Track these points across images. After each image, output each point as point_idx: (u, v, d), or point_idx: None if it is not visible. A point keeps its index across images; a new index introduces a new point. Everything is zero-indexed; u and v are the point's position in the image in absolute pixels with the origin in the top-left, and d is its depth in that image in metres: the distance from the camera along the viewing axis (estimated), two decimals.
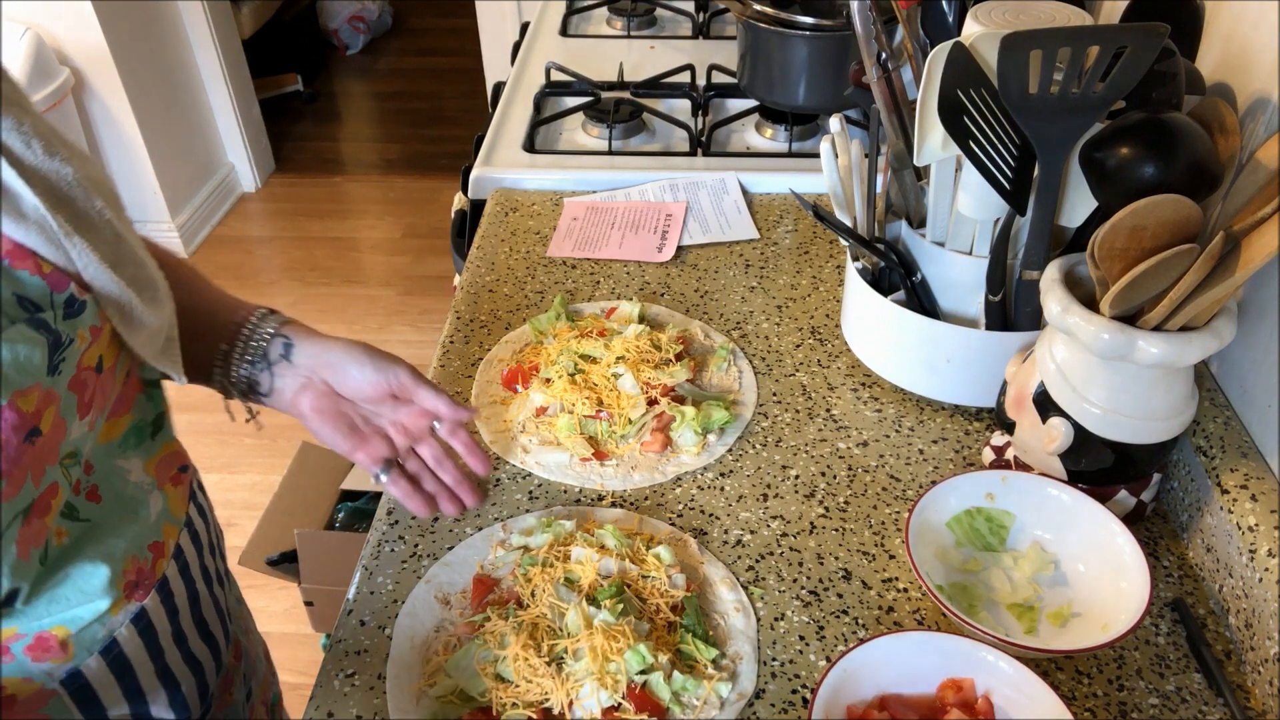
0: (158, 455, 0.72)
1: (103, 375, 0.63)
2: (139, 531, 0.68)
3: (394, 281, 3.16)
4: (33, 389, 0.55)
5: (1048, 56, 0.75)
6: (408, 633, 0.78)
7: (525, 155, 1.43)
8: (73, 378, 0.59)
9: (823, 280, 1.19)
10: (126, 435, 0.69)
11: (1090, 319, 0.74)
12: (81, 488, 0.65)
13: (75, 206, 0.59)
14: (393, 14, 4.86)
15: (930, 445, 0.96)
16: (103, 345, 0.62)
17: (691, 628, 0.76)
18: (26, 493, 0.57)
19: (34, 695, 0.65)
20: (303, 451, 2.01)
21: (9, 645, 0.63)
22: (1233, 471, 0.80)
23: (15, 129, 0.56)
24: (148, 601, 0.70)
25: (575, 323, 1.07)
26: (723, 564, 0.84)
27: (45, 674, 0.65)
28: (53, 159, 0.58)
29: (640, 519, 0.88)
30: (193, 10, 3.14)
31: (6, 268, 0.55)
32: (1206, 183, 0.73)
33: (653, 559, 0.80)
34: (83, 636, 0.65)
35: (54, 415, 0.58)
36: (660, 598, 0.77)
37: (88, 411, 0.62)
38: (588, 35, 1.86)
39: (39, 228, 0.56)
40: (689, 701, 0.72)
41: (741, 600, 0.80)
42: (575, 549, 0.80)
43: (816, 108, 1.43)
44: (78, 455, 0.63)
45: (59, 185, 0.58)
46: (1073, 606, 0.78)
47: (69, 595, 0.64)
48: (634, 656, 0.71)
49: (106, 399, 0.65)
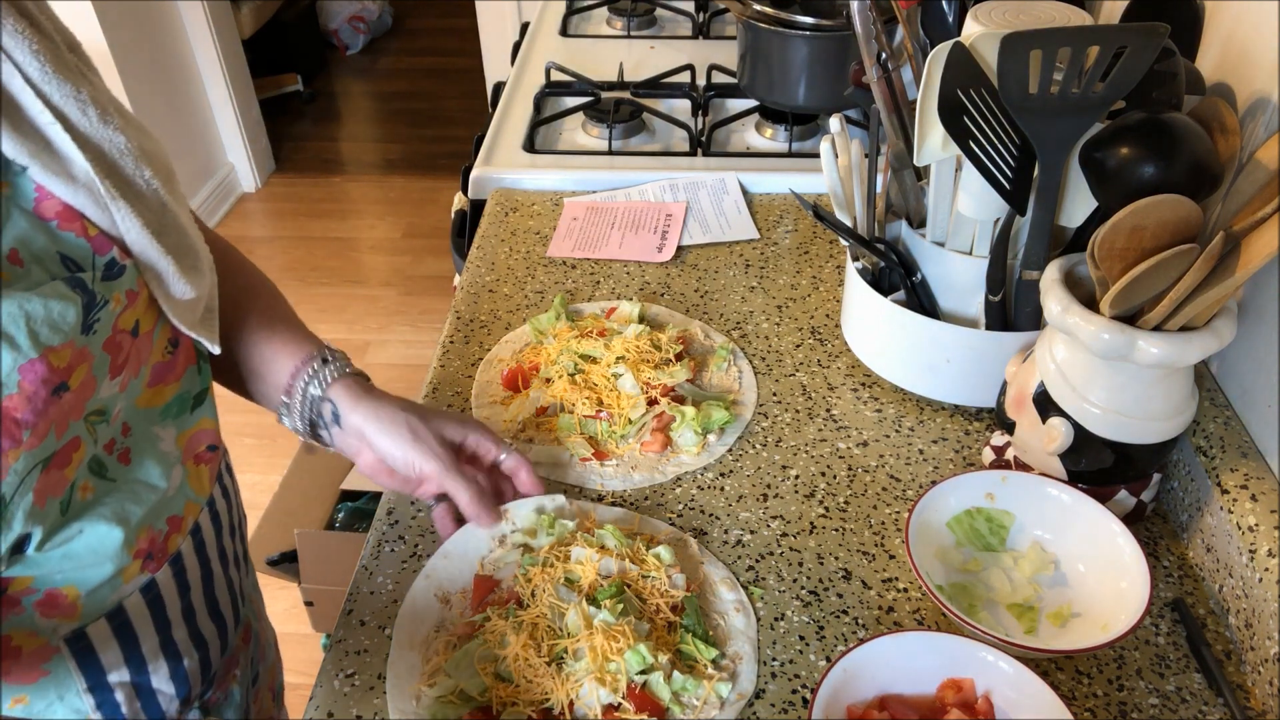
0: (191, 430, 0.74)
1: (139, 339, 0.65)
2: (157, 502, 0.69)
3: (394, 281, 3.16)
4: (66, 346, 0.58)
5: (1048, 56, 0.75)
6: (408, 631, 0.78)
7: (525, 155, 1.43)
8: (108, 339, 0.62)
9: (823, 280, 1.19)
10: (170, 404, 0.71)
11: (1090, 319, 0.74)
12: (115, 447, 0.67)
13: (123, 173, 0.62)
14: (393, 14, 4.86)
15: (930, 445, 0.96)
16: (140, 309, 0.65)
17: (691, 628, 0.76)
18: (48, 444, 0.58)
19: (38, 649, 0.66)
20: (302, 452, 2.00)
21: (19, 598, 0.64)
22: (1233, 471, 0.80)
23: (73, 96, 0.59)
24: (159, 574, 0.71)
25: (575, 323, 1.07)
26: (723, 564, 0.84)
27: (50, 629, 0.66)
28: (106, 126, 0.61)
29: (640, 519, 0.88)
30: (193, 10, 3.14)
31: (54, 229, 0.59)
32: (1206, 183, 0.73)
33: (653, 559, 0.80)
34: (92, 598, 0.67)
35: (85, 373, 0.60)
36: (660, 598, 0.77)
37: (119, 372, 0.64)
38: (588, 35, 1.86)
39: (87, 190, 0.60)
40: (689, 701, 0.72)
41: (742, 600, 0.80)
42: (575, 549, 0.80)
43: (816, 108, 1.43)
44: (105, 413, 0.64)
45: (109, 152, 0.61)
46: (1073, 606, 0.78)
47: (81, 553, 0.65)
48: (634, 656, 0.71)
49: (142, 362, 0.67)
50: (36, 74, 0.58)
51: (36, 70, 0.58)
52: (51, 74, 0.59)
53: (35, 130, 0.59)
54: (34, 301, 0.56)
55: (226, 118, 3.40)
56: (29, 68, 0.58)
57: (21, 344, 0.55)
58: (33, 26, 0.59)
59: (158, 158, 0.66)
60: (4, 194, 0.58)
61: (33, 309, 0.56)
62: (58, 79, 0.59)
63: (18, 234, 0.58)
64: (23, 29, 0.58)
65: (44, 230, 0.59)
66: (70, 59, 0.61)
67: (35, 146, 0.58)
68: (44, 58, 0.58)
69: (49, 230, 0.59)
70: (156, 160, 0.66)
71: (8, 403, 0.55)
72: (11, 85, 0.58)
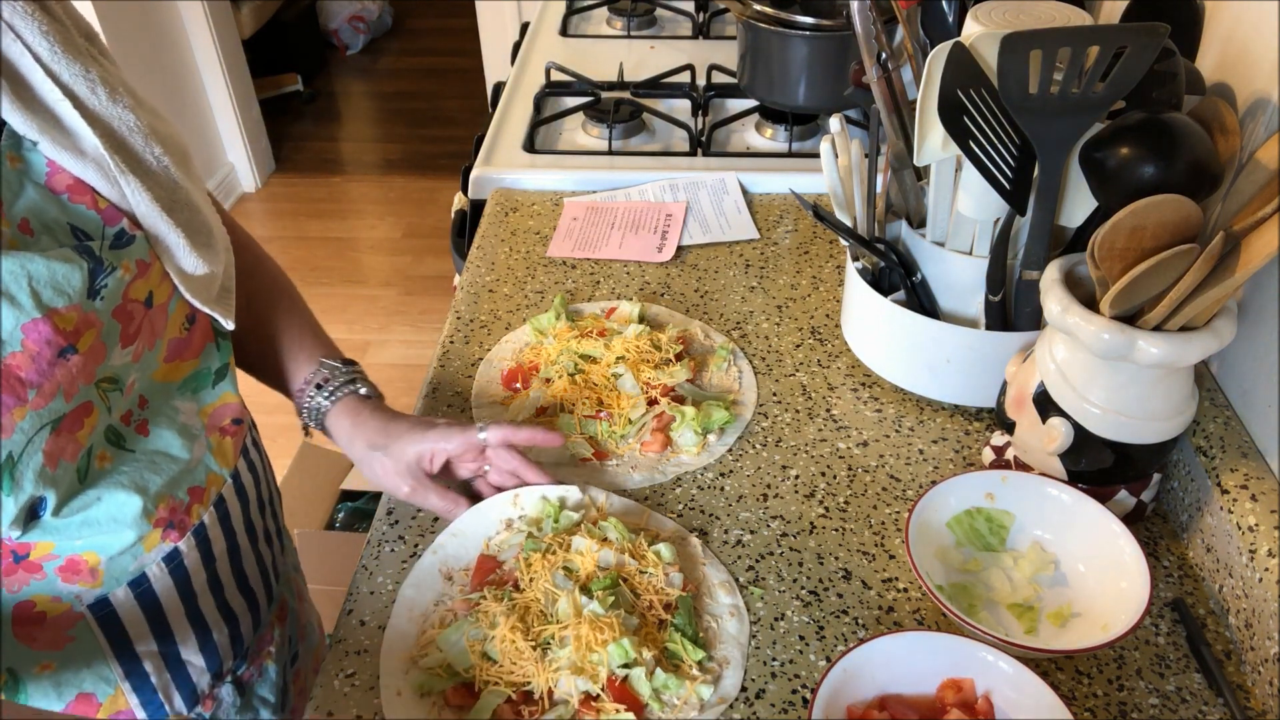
0: (215, 404, 0.76)
1: (153, 310, 0.68)
2: (178, 472, 0.71)
3: (394, 281, 3.16)
4: (71, 309, 0.60)
5: (1048, 56, 0.75)
6: (409, 603, 0.80)
7: (525, 155, 1.43)
8: (118, 307, 0.64)
9: (823, 280, 1.19)
10: (188, 379, 0.74)
11: (1090, 319, 0.74)
12: (133, 419, 0.69)
13: (133, 150, 0.65)
14: (393, 14, 4.85)
15: (930, 445, 0.96)
16: (153, 281, 0.67)
17: (682, 627, 0.76)
18: (57, 405, 0.60)
19: (63, 615, 0.68)
20: (303, 451, 2.01)
21: (41, 563, 0.66)
22: (1233, 471, 0.80)
23: (82, 75, 0.62)
24: (182, 544, 0.72)
25: (575, 323, 1.07)
26: (724, 566, 0.84)
27: (74, 596, 0.68)
28: (116, 105, 0.64)
29: (648, 514, 0.88)
30: (193, 10, 3.14)
31: (66, 201, 0.62)
32: (1206, 183, 0.73)
33: (653, 555, 0.80)
34: (112, 565, 0.68)
35: (93, 338, 0.62)
36: (654, 594, 0.78)
37: (132, 342, 0.66)
38: (588, 35, 1.86)
39: (96, 164, 0.63)
40: (669, 700, 0.72)
41: (738, 605, 0.80)
42: (576, 539, 0.81)
43: (816, 108, 1.43)
44: (119, 382, 0.66)
45: (119, 129, 0.64)
46: (1073, 606, 0.78)
47: (100, 520, 0.67)
48: (617, 650, 0.71)
49: (157, 335, 0.69)
50: (45, 53, 0.61)
51: (45, 50, 0.61)
52: (60, 54, 0.61)
53: (44, 107, 0.61)
54: (36, 262, 0.58)
55: (226, 118, 3.40)
56: (38, 47, 0.60)
57: (23, 303, 0.57)
58: (42, 9, 0.62)
59: (171, 139, 0.69)
60: (17, 168, 0.60)
61: (35, 269, 0.58)
62: (66, 58, 0.62)
63: (29, 205, 0.60)
64: (32, 10, 0.61)
65: (55, 202, 0.62)
66: (81, 43, 0.64)
67: (45, 122, 0.61)
68: (53, 38, 0.61)
69: (60, 203, 0.62)
70: (169, 141, 0.68)
71: (10, 360, 0.57)
72: (21, 64, 0.60)
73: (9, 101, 0.59)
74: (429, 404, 1.01)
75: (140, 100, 0.67)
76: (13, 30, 0.60)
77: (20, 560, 0.65)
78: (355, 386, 0.86)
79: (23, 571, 0.66)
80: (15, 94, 0.60)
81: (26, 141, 0.61)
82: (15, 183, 0.60)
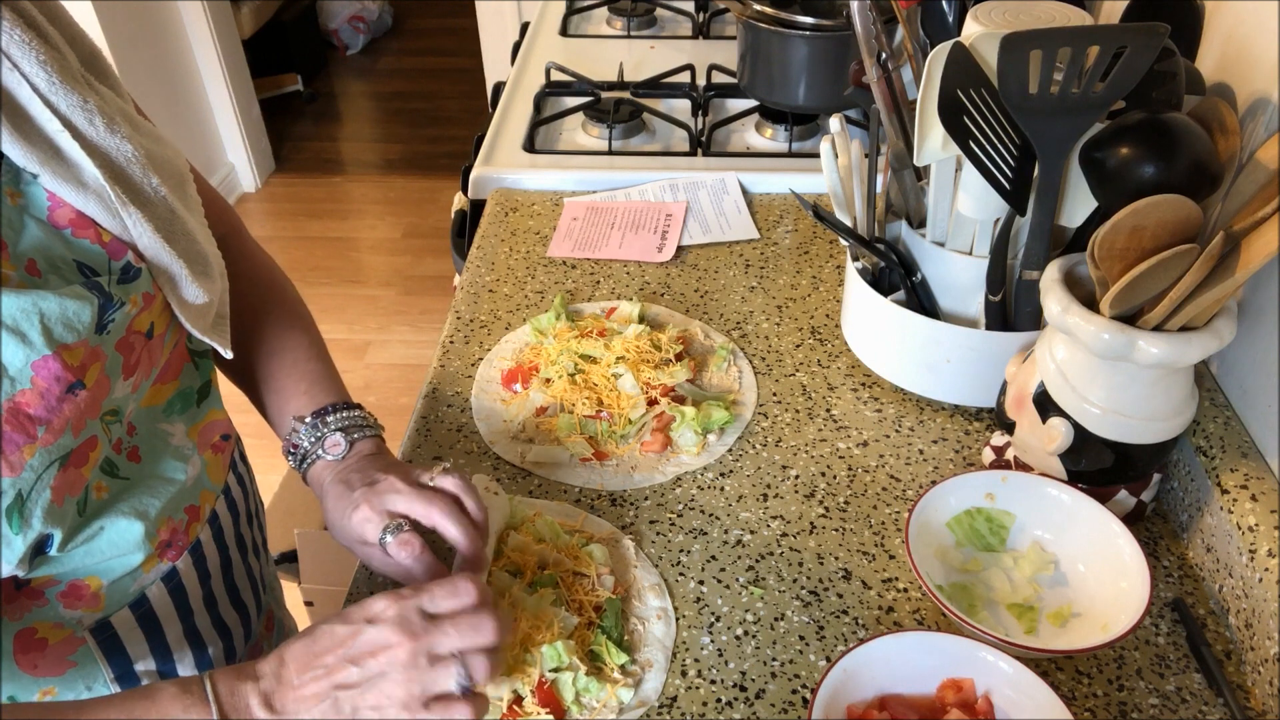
0: (201, 422, 0.75)
1: (152, 341, 0.67)
2: (175, 493, 0.71)
3: (394, 281, 3.16)
4: (79, 345, 0.59)
5: (1048, 56, 0.75)
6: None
7: (525, 155, 1.43)
8: (121, 339, 0.63)
9: (823, 280, 1.19)
10: (171, 401, 0.73)
11: (1090, 319, 0.74)
12: (123, 447, 0.68)
13: (131, 180, 0.64)
14: (393, 14, 4.85)
15: (930, 445, 0.96)
16: (155, 313, 0.66)
17: (608, 630, 0.76)
18: (65, 442, 0.59)
19: (64, 641, 0.68)
20: None
21: (43, 589, 0.65)
22: (1233, 471, 0.80)
23: (80, 106, 0.61)
24: (180, 563, 0.72)
25: (575, 323, 1.07)
26: (656, 570, 0.83)
27: (76, 621, 0.67)
28: (113, 135, 0.63)
29: (584, 516, 0.88)
30: (193, 10, 3.14)
31: (69, 236, 0.61)
32: (1206, 183, 0.73)
33: (585, 556, 0.81)
34: (114, 588, 0.68)
35: (98, 372, 0.61)
36: (585, 596, 0.78)
37: (132, 373, 0.65)
38: (588, 35, 1.86)
39: (97, 197, 0.62)
40: (588, 703, 0.72)
41: (666, 608, 0.80)
42: (512, 535, 0.81)
43: (816, 108, 1.43)
44: (119, 413, 0.65)
45: (117, 159, 0.63)
46: (1073, 606, 0.78)
47: (103, 548, 0.66)
48: (550, 652, 0.71)
49: (154, 364, 0.68)
50: (44, 84, 0.60)
51: (44, 80, 0.59)
52: (59, 84, 0.60)
53: (44, 138, 0.60)
54: (49, 300, 0.57)
55: (226, 118, 3.40)
56: (36, 78, 0.59)
57: (34, 340, 0.56)
58: (40, 38, 0.60)
59: (168, 165, 0.67)
60: (17, 203, 0.59)
61: (47, 307, 0.57)
62: (64, 89, 0.60)
63: (34, 244, 0.59)
64: (30, 39, 0.59)
65: (59, 239, 0.61)
66: (77, 70, 0.63)
67: (45, 154, 0.60)
68: (51, 68, 0.60)
69: (64, 239, 0.61)
70: (166, 167, 0.67)
71: (20, 398, 0.56)
72: (19, 94, 0.59)
73: (8, 133, 0.58)
74: (429, 404, 1.02)
75: (138, 125, 0.66)
76: (10, 60, 0.58)
77: (22, 587, 0.64)
78: (322, 454, 0.79)
79: (24, 598, 0.65)
80: (14, 126, 0.58)
81: (26, 174, 0.60)
82: (17, 220, 0.59)
